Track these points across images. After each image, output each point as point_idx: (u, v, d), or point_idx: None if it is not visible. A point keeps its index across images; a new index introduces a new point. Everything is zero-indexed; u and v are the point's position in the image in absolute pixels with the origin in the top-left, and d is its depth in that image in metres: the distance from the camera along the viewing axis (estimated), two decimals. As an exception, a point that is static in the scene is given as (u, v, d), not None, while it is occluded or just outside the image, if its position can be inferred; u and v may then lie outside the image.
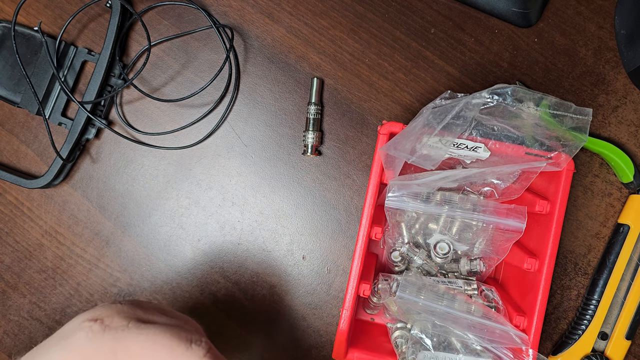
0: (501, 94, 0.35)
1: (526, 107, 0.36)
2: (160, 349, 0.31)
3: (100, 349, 0.30)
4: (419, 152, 0.37)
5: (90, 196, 0.51)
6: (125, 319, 0.32)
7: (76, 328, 0.31)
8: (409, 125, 0.38)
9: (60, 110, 0.50)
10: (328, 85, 0.51)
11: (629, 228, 0.47)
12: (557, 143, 0.39)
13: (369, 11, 0.51)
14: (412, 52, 0.51)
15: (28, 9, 0.51)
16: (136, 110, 0.51)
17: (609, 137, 0.50)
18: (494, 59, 0.50)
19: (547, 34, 0.51)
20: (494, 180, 0.43)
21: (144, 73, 0.51)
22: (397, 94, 0.50)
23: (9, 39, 0.49)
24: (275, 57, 0.51)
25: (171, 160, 0.51)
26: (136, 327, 0.31)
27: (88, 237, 0.51)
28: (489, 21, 0.51)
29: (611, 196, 0.50)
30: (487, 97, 0.35)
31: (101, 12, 0.51)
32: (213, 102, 0.51)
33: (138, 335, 0.31)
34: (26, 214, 0.51)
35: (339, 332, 0.40)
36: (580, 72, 0.50)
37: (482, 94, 0.35)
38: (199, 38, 0.51)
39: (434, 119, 0.36)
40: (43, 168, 0.51)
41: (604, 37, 0.50)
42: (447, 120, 0.35)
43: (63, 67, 0.50)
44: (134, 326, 0.31)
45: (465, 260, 0.46)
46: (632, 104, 0.50)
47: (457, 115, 0.35)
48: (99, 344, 0.30)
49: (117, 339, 0.31)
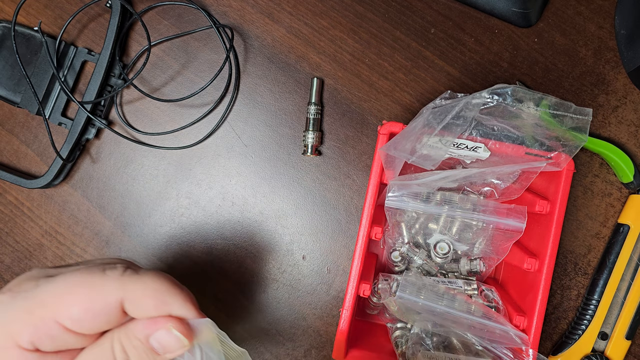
0: (501, 94, 0.35)
1: (526, 107, 0.36)
2: (74, 289, 0.30)
3: (15, 315, 0.29)
4: (419, 152, 0.37)
5: (90, 196, 0.51)
6: (34, 280, 0.31)
7: None
8: (409, 125, 0.38)
9: (60, 110, 0.50)
10: (328, 85, 0.51)
11: (629, 228, 0.47)
12: (557, 143, 0.39)
13: (369, 11, 0.51)
14: (412, 52, 0.51)
15: (28, 9, 0.51)
16: (136, 110, 0.51)
17: (609, 137, 0.50)
18: (494, 59, 0.50)
19: (547, 34, 0.51)
20: (494, 180, 0.43)
21: (144, 73, 0.51)
22: (397, 94, 0.50)
23: (9, 39, 0.49)
24: (275, 57, 0.51)
25: (171, 160, 0.51)
26: (46, 282, 0.30)
27: (88, 237, 0.51)
28: (489, 21, 0.51)
29: (611, 196, 0.50)
30: (487, 97, 0.35)
31: (101, 12, 0.51)
32: (213, 102, 0.51)
33: (47, 286, 0.30)
34: (26, 214, 0.51)
35: (339, 332, 0.40)
36: (580, 72, 0.50)
37: (482, 94, 0.35)
38: (199, 38, 0.51)
39: (434, 119, 0.36)
40: (43, 168, 0.51)
41: (604, 37, 0.50)
42: (447, 120, 0.35)
43: (63, 67, 0.50)
44: (43, 282, 0.30)
45: (465, 260, 0.46)
46: (632, 104, 0.50)
47: (457, 115, 0.35)
48: (12, 311, 0.29)
49: (27, 298, 0.29)
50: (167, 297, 0.30)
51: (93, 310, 0.29)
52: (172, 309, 0.30)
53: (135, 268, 0.31)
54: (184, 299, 0.31)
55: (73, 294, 0.29)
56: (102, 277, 0.30)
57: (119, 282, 0.30)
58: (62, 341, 0.29)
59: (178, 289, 0.31)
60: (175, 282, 0.31)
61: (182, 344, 0.30)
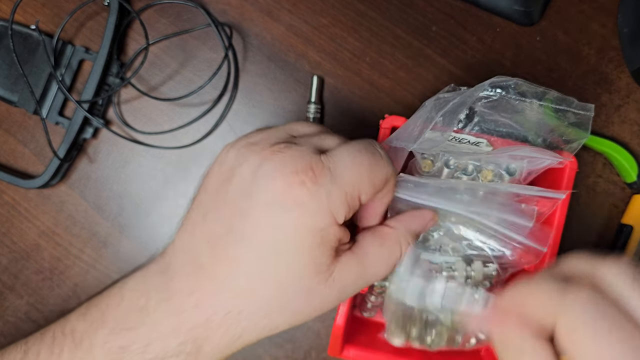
0: (504, 87, 0.34)
1: (529, 102, 0.35)
2: (358, 159, 0.32)
3: (336, 196, 0.31)
4: (421, 140, 0.36)
5: (87, 196, 0.51)
6: (310, 153, 0.32)
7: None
8: (412, 118, 0.38)
9: (58, 109, 0.50)
10: (328, 83, 0.50)
11: (632, 229, 0.47)
12: (560, 139, 0.38)
13: (370, 9, 0.50)
14: (414, 51, 0.50)
15: (25, 7, 0.51)
16: (134, 110, 0.51)
17: (612, 136, 0.49)
18: (496, 57, 0.50)
19: (549, 32, 0.50)
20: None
21: (142, 72, 0.51)
22: (398, 93, 0.50)
23: (6, 37, 0.48)
24: (275, 56, 0.51)
25: (169, 160, 0.51)
26: (330, 160, 0.32)
27: (85, 237, 0.50)
28: (491, 19, 0.50)
29: (614, 196, 0.49)
30: (489, 89, 0.34)
31: (99, 10, 0.51)
32: (212, 101, 0.51)
33: (339, 164, 0.32)
34: (23, 214, 0.51)
35: (335, 327, 0.40)
36: (583, 71, 0.50)
37: (484, 86, 0.34)
38: (198, 36, 0.51)
39: (435, 110, 0.35)
40: (40, 168, 0.51)
41: (606, 36, 0.50)
42: (447, 108, 0.35)
43: (60, 66, 0.50)
44: (328, 161, 0.32)
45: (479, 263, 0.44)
46: (635, 103, 0.50)
47: (458, 105, 0.35)
48: (334, 193, 0.31)
49: (335, 182, 0.31)
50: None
51: (380, 187, 0.33)
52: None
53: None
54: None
55: (371, 177, 0.32)
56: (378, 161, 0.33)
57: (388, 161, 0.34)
58: (353, 211, 0.32)
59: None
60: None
61: None
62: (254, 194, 0.30)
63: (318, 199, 0.30)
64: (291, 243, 0.30)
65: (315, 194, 0.30)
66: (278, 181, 0.30)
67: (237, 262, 0.31)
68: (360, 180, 0.31)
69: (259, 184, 0.30)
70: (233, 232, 0.31)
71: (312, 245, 0.30)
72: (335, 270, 0.31)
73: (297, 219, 0.30)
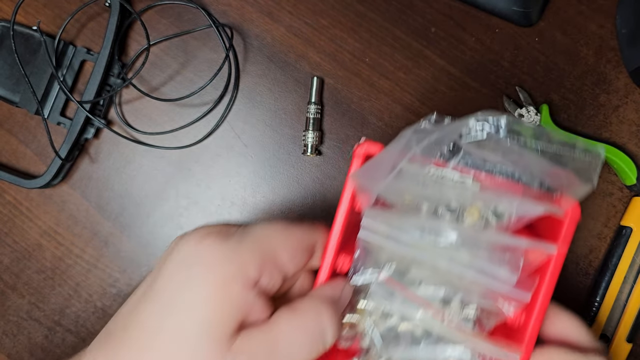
0: (494, 125, 0.29)
1: (523, 142, 0.30)
2: (284, 232, 0.33)
3: (246, 248, 0.31)
4: (390, 180, 0.31)
5: (89, 196, 0.51)
6: (231, 231, 0.33)
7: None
8: (386, 149, 0.33)
9: (59, 109, 0.50)
10: (328, 84, 0.51)
11: (632, 230, 0.47)
12: (560, 183, 0.32)
13: (370, 10, 0.51)
14: (413, 52, 0.50)
15: (27, 8, 0.51)
16: (135, 110, 0.51)
17: (610, 137, 0.50)
18: (495, 58, 0.50)
19: (548, 33, 0.50)
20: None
21: (143, 72, 0.51)
22: (397, 94, 0.50)
23: (7, 38, 0.49)
24: (275, 57, 0.51)
25: (170, 160, 0.51)
26: (252, 229, 0.33)
27: (87, 237, 0.51)
28: (489, 20, 0.50)
29: (612, 196, 0.49)
30: (476, 130, 0.29)
31: (100, 11, 0.51)
32: (212, 101, 0.51)
33: (259, 230, 0.33)
34: (25, 214, 0.51)
35: None
36: (581, 71, 0.50)
37: (469, 124, 0.29)
38: (199, 37, 0.51)
39: (415, 143, 0.30)
40: (42, 168, 0.51)
41: (605, 37, 0.50)
42: (424, 143, 0.30)
43: (62, 66, 0.50)
44: (250, 229, 0.33)
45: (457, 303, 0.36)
46: (634, 104, 0.50)
47: (437, 141, 0.30)
48: (244, 244, 0.31)
49: (249, 238, 0.32)
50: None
51: (301, 249, 0.32)
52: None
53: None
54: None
55: (286, 235, 0.32)
56: (296, 225, 0.33)
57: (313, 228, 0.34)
58: (275, 279, 0.31)
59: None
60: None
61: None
62: (168, 258, 0.32)
63: (223, 252, 0.30)
64: (187, 299, 0.29)
65: (221, 245, 0.30)
66: (190, 242, 0.31)
67: (140, 323, 0.30)
68: (276, 235, 0.31)
69: (176, 249, 0.32)
70: (144, 296, 0.31)
71: (213, 299, 0.29)
72: (237, 341, 0.28)
73: (199, 273, 0.29)
